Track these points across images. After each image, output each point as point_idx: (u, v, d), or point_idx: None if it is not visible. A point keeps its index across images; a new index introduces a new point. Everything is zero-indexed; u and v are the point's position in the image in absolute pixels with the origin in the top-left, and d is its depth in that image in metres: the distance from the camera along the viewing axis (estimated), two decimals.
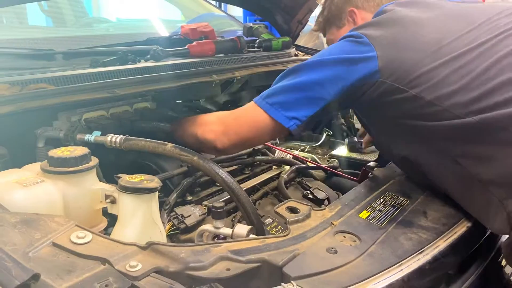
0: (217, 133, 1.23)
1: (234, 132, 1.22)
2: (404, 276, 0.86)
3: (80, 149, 1.02)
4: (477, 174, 1.03)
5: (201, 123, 1.30)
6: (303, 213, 1.00)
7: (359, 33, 1.16)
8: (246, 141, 1.25)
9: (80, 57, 1.52)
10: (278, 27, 2.31)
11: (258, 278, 0.82)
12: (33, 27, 2.26)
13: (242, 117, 1.24)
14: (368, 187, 1.21)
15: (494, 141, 1.00)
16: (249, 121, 1.21)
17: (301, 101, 1.15)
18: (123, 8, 2.91)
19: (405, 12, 1.22)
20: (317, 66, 1.16)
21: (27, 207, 0.89)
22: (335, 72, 1.13)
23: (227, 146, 1.22)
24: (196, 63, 1.60)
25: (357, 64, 1.12)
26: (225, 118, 1.27)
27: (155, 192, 0.98)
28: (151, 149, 1.15)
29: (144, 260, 0.75)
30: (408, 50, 1.11)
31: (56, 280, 0.67)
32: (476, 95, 1.01)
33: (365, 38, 1.14)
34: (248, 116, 1.21)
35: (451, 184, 1.13)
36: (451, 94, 1.04)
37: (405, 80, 1.08)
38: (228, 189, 1.09)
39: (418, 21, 1.18)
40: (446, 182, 1.14)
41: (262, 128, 1.19)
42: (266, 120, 1.17)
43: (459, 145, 1.06)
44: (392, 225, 1.01)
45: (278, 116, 1.15)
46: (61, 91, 1.19)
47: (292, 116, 1.15)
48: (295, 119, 1.15)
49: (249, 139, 1.24)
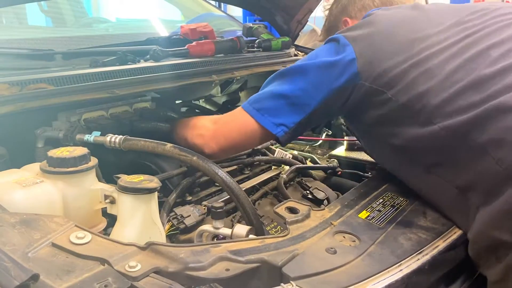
0: (205, 138, 1.24)
1: (223, 137, 1.22)
2: (404, 276, 0.86)
3: (79, 149, 1.02)
4: (452, 181, 1.02)
5: (191, 127, 1.31)
6: (302, 213, 1.00)
7: (340, 35, 1.18)
8: (235, 146, 1.25)
9: (79, 57, 1.52)
10: (277, 27, 2.31)
11: (258, 279, 0.82)
12: (32, 27, 2.26)
13: (231, 122, 1.24)
14: (368, 187, 1.21)
15: (461, 148, 0.98)
16: (238, 126, 1.21)
17: (288, 107, 1.16)
18: (122, 8, 2.91)
19: (385, 13, 1.23)
20: (302, 71, 1.17)
21: (27, 207, 0.89)
22: (318, 77, 1.14)
23: (215, 151, 1.23)
24: (196, 63, 1.60)
25: (339, 67, 1.12)
26: (215, 123, 1.28)
27: (154, 192, 0.97)
28: (151, 149, 1.15)
29: (144, 261, 0.75)
30: (383, 51, 1.11)
31: (56, 280, 0.67)
32: (442, 99, 1.00)
33: (345, 40, 1.15)
34: (237, 121, 1.22)
35: (430, 194, 1.12)
36: (420, 96, 1.03)
37: (381, 82, 1.09)
38: (228, 189, 1.09)
39: (395, 22, 1.18)
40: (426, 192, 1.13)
41: (251, 134, 1.19)
42: (254, 126, 1.17)
43: (430, 155, 1.06)
44: (392, 225, 1.01)
45: (265, 122, 1.16)
46: (61, 91, 1.19)
47: (279, 123, 1.16)
48: (283, 126, 1.16)
49: (238, 144, 1.25)
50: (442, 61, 1.04)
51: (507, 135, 0.90)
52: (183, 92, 1.67)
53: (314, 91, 1.15)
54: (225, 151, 1.26)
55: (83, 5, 2.76)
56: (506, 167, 0.90)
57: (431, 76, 1.03)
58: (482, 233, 0.96)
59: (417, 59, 1.06)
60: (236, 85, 1.85)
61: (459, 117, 0.97)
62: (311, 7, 2.15)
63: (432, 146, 1.04)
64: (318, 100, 1.14)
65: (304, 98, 1.15)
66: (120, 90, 1.29)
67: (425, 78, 1.04)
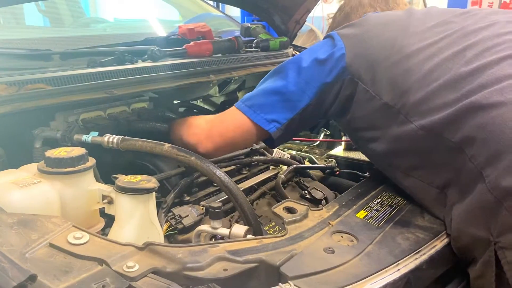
0: (200, 136, 1.24)
1: (218, 135, 1.23)
2: (402, 275, 0.86)
3: (77, 150, 1.02)
4: (431, 182, 1.05)
5: (186, 126, 1.31)
6: (300, 213, 1.00)
7: (334, 32, 1.21)
8: (230, 144, 1.26)
9: (77, 57, 1.51)
10: (275, 27, 2.31)
11: (256, 278, 0.82)
12: (30, 27, 2.26)
13: (225, 121, 1.25)
14: (366, 187, 1.21)
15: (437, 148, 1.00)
16: (232, 125, 1.22)
17: (280, 103, 1.17)
18: (120, 8, 2.91)
19: (376, 15, 1.26)
20: (294, 67, 1.19)
21: (24, 207, 0.89)
22: (310, 72, 1.16)
23: (210, 150, 1.23)
24: (194, 63, 1.60)
25: (330, 62, 1.15)
26: (209, 122, 1.28)
27: (152, 192, 0.97)
28: (149, 149, 1.15)
29: (142, 261, 0.75)
30: (369, 48, 1.14)
31: (53, 281, 0.67)
32: (419, 97, 1.02)
33: (338, 36, 1.18)
34: (231, 120, 1.23)
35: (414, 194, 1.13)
36: (401, 95, 1.05)
37: (366, 78, 1.11)
38: (226, 189, 1.09)
39: (383, 22, 1.21)
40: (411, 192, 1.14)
41: (245, 132, 1.20)
42: (247, 123, 1.19)
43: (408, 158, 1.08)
44: (389, 225, 1.02)
45: (258, 119, 1.17)
46: (59, 91, 1.19)
47: (271, 119, 1.17)
48: (275, 122, 1.17)
49: (233, 143, 1.25)
50: (422, 60, 1.06)
51: (478, 133, 0.92)
52: (181, 92, 1.67)
53: (306, 87, 1.16)
54: (220, 149, 1.26)
55: (80, 5, 2.75)
56: (477, 163, 0.92)
57: (410, 74, 1.05)
58: (460, 231, 0.98)
59: (399, 57, 1.08)
60: (234, 85, 1.85)
61: (435, 116, 0.99)
62: (309, 7, 2.15)
63: (410, 148, 1.07)
64: (310, 96, 1.16)
65: (296, 94, 1.16)
66: (118, 90, 1.29)
67: (405, 76, 1.06)
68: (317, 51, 1.19)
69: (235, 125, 1.21)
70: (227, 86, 1.81)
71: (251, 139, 1.25)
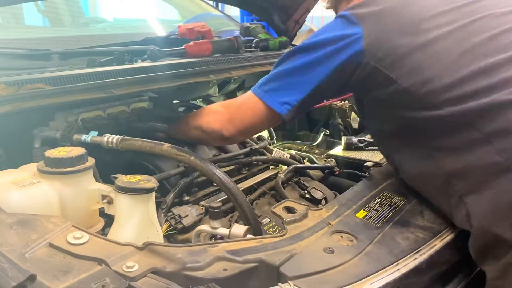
0: (222, 121, 1.25)
1: (240, 119, 1.24)
2: (401, 275, 0.86)
3: (76, 150, 1.02)
4: (444, 166, 1.02)
5: (204, 114, 1.32)
6: (300, 213, 1.00)
7: (349, 13, 1.14)
8: (251, 128, 1.27)
9: (76, 57, 1.51)
10: (275, 27, 2.31)
11: (255, 278, 0.82)
12: (29, 27, 2.26)
13: (243, 105, 1.25)
14: (365, 187, 1.21)
15: (462, 135, 0.98)
16: (251, 108, 1.22)
17: (291, 85, 1.17)
18: (120, 8, 2.91)
19: None
20: (307, 49, 1.17)
21: (24, 207, 0.89)
22: (322, 53, 1.13)
23: (233, 134, 1.25)
24: (193, 63, 1.59)
25: (344, 44, 1.11)
26: (229, 107, 1.29)
27: (152, 192, 0.97)
28: (148, 149, 1.15)
29: (141, 261, 0.75)
30: (390, 30, 1.09)
31: (53, 281, 0.67)
32: (448, 82, 0.99)
33: (354, 18, 1.12)
34: (248, 104, 1.23)
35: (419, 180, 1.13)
36: (426, 81, 1.01)
37: (386, 63, 1.07)
38: (225, 189, 1.09)
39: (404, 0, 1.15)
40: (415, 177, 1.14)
41: (261, 115, 1.21)
42: (263, 107, 1.19)
43: (435, 138, 1.04)
44: (389, 224, 1.01)
45: (272, 102, 1.18)
46: (58, 91, 1.19)
47: (284, 101, 1.17)
48: (287, 104, 1.17)
49: (253, 126, 1.26)
50: (451, 44, 1.02)
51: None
52: (181, 92, 1.66)
53: (318, 68, 1.14)
54: (242, 133, 1.28)
55: (80, 5, 2.75)
56: (507, 158, 0.90)
57: (438, 59, 1.02)
58: (483, 229, 0.96)
59: (424, 40, 1.04)
60: (234, 85, 1.85)
61: (467, 104, 0.96)
62: (308, 6, 2.15)
63: (437, 129, 1.03)
64: (321, 77, 1.14)
65: (308, 75, 1.15)
66: (117, 90, 1.29)
67: (432, 61, 1.02)
68: (331, 32, 1.14)
69: (253, 109, 1.21)
70: (227, 86, 1.81)
71: (268, 122, 1.25)
